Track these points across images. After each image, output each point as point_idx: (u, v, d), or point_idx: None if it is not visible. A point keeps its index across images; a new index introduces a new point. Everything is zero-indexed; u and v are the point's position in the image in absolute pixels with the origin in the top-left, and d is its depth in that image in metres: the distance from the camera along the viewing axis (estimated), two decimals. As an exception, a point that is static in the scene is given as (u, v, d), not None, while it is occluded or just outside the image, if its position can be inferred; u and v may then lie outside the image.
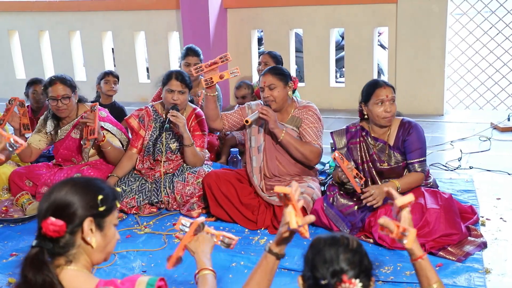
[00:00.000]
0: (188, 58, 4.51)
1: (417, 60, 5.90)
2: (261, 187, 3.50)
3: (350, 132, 3.33)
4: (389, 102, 3.13)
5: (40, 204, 1.64)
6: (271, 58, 4.67)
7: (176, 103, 3.61)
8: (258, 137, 3.57)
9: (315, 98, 5.78)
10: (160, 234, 3.37)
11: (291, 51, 6.51)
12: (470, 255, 2.92)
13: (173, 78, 3.61)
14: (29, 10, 7.46)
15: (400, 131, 3.21)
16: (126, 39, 7.10)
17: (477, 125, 5.50)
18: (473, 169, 4.30)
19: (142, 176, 3.75)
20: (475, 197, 3.71)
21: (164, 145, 3.70)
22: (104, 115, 3.86)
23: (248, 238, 3.27)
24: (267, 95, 3.44)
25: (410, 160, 3.17)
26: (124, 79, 7.23)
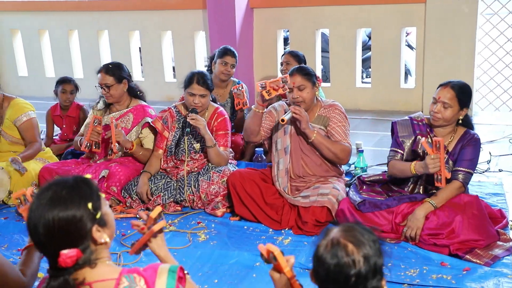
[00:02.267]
0: (227, 58, 4.53)
1: (445, 61, 5.82)
2: (286, 189, 3.49)
3: (415, 124, 3.25)
4: (440, 104, 3.07)
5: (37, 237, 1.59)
6: (293, 58, 4.64)
7: (197, 106, 3.63)
8: (284, 139, 3.56)
9: (341, 99, 5.73)
10: (185, 233, 3.39)
11: (317, 51, 6.47)
12: (499, 259, 2.87)
13: (195, 82, 3.62)
14: (58, 10, 7.58)
15: (462, 140, 3.15)
16: (153, 39, 7.16)
17: (507, 127, 5.40)
18: (502, 172, 4.23)
19: (168, 174, 3.78)
20: (504, 201, 3.64)
21: (187, 146, 3.72)
22: (153, 113, 3.97)
23: (272, 238, 3.26)
24: (297, 95, 3.42)
25: (458, 167, 3.09)
26: (151, 78, 7.33)
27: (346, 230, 1.53)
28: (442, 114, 3.08)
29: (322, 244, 1.53)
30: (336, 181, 3.49)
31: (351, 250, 1.48)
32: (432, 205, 3.02)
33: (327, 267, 1.49)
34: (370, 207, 3.16)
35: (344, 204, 3.25)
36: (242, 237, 3.31)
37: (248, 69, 6.60)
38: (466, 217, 2.96)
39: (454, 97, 3.07)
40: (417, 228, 2.99)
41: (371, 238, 1.52)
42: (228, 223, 3.50)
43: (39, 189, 1.64)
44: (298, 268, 2.90)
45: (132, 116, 3.93)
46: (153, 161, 3.81)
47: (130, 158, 3.96)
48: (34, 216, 1.58)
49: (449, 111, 3.07)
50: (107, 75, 3.83)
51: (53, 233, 1.56)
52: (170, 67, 7.39)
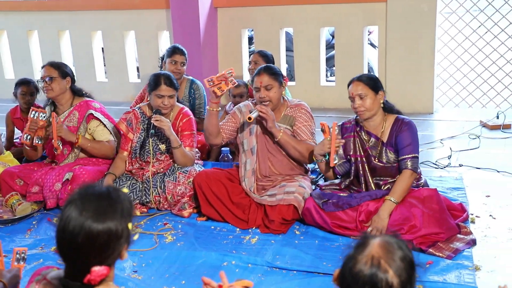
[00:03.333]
0: (175, 56, 4.53)
1: (407, 58, 5.93)
2: (252, 189, 3.50)
3: (345, 127, 3.37)
4: (357, 97, 3.18)
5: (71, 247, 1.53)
6: (262, 57, 4.66)
7: (167, 107, 3.61)
8: (250, 139, 3.57)
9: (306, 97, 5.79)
10: (151, 234, 3.36)
11: (282, 50, 6.51)
12: (460, 252, 2.95)
13: (162, 84, 3.60)
14: (17, 10, 7.42)
15: (394, 127, 3.23)
16: (116, 39, 7.08)
17: (467, 123, 5.53)
18: (462, 167, 4.33)
19: (133, 175, 3.75)
20: (464, 195, 3.73)
21: (152, 147, 3.70)
22: (97, 106, 3.92)
23: (240, 238, 3.27)
24: (264, 95, 3.43)
25: (402, 156, 3.17)
26: (114, 78, 7.25)
27: (387, 250, 1.46)
28: (363, 106, 3.18)
29: (361, 260, 1.45)
30: (302, 179, 3.52)
31: (391, 276, 1.43)
32: (392, 202, 3.09)
33: (361, 285, 1.43)
34: (333, 207, 3.21)
35: (310, 203, 3.28)
36: (209, 237, 3.31)
37: (213, 69, 6.59)
38: (426, 211, 3.03)
39: (364, 85, 3.19)
40: (382, 227, 3.04)
41: (409, 258, 1.48)
42: (195, 223, 3.50)
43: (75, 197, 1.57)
44: (265, 266, 2.92)
45: (77, 113, 3.89)
46: (117, 163, 3.77)
47: (93, 160, 3.91)
48: (75, 226, 1.51)
49: (367, 100, 3.18)
50: (52, 68, 3.82)
51: (93, 246, 1.50)
52: (134, 67, 7.31)
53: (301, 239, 3.22)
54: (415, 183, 3.28)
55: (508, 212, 3.47)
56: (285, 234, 3.28)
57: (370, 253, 1.45)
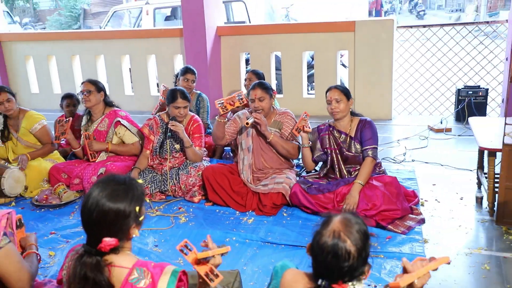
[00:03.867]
0: (188, 75, 4.53)
1: (371, 75, 5.93)
2: (249, 180, 3.49)
3: (320, 128, 3.39)
4: (334, 101, 3.20)
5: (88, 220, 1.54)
6: (255, 75, 4.66)
7: (182, 116, 3.61)
8: (247, 140, 3.56)
9: (291, 107, 5.78)
10: (169, 216, 3.36)
11: (272, 69, 6.50)
12: (412, 229, 2.95)
13: (179, 98, 3.60)
14: (63, 39, 7.38)
15: (359, 125, 3.27)
16: (140, 61, 7.05)
17: (418, 127, 5.53)
18: (414, 161, 4.33)
19: (154, 169, 3.74)
20: (416, 184, 3.73)
21: (169, 146, 3.69)
22: (123, 114, 3.91)
23: (239, 219, 3.27)
24: (257, 105, 3.43)
25: (365, 147, 3.20)
26: (139, 92, 7.21)
27: (346, 224, 1.47)
28: (338, 108, 3.20)
29: (325, 233, 1.46)
30: (289, 172, 3.51)
31: (349, 245, 1.44)
32: (360, 184, 3.09)
33: (325, 253, 1.44)
34: (315, 191, 3.21)
35: (296, 187, 3.27)
36: (215, 218, 3.30)
37: (217, 85, 6.58)
38: (387, 193, 3.03)
39: (341, 92, 3.22)
40: (353, 203, 3.05)
41: (363, 230, 1.48)
42: (203, 207, 3.49)
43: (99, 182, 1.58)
44: (259, 241, 2.92)
45: (108, 120, 3.88)
46: (141, 159, 3.76)
47: (122, 157, 3.91)
48: (92, 203, 1.53)
49: (342, 104, 3.21)
50: (90, 84, 3.84)
51: (104, 220, 1.52)
52: (154, 83, 7.28)
53: (287, 219, 3.22)
54: (377, 170, 3.29)
55: (449, 197, 3.47)
56: (275, 216, 3.28)
57: (332, 228, 1.46)
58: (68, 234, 3.11)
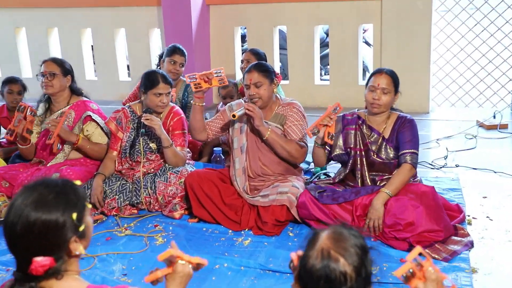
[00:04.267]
0: (175, 56, 4.49)
1: (402, 57, 5.93)
2: (245, 188, 3.48)
3: (346, 119, 3.37)
4: (380, 90, 3.18)
5: (12, 236, 1.53)
6: (254, 56, 4.65)
7: (165, 105, 3.60)
8: (240, 137, 3.55)
9: (299, 96, 5.78)
10: (141, 236, 3.33)
11: (275, 48, 6.50)
12: (457, 255, 2.94)
13: (160, 82, 3.58)
14: (4, 7, 7.36)
15: (396, 124, 3.27)
16: (106, 36, 7.04)
17: (463, 122, 5.54)
18: (459, 167, 4.33)
19: (123, 176, 3.72)
20: (461, 196, 3.73)
21: (142, 146, 3.68)
22: (95, 107, 3.90)
23: (232, 240, 3.25)
24: (253, 93, 3.42)
25: (402, 150, 3.19)
26: (104, 77, 7.20)
27: (336, 239, 1.47)
28: (382, 100, 3.19)
29: (311, 255, 1.46)
30: (295, 179, 3.50)
31: (342, 265, 1.43)
32: (387, 194, 3.09)
33: (316, 279, 1.44)
34: (329, 200, 3.19)
35: (306, 195, 3.26)
36: (201, 239, 3.29)
37: (205, 67, 6.55)
38: (423, 207, 3.01)
39: (391, 82, 3.21)
40: (378, 218, 3.04)
41: (360, 244, 1.48)
42: (186, 225, 3.47)
43: (24, 187, 1.58)
44: (258, 269, 2.90)
45: (74, 113, 3.85)
46: (107, 163, 3.74)
47: (81, 161, 3.88)
48: (15, 213, 1.52)
49: (388, 97, 3.20)
50: (54, 64, 3.80)
51: (30, 235, 1.51)
52: (124, 65, 7.27)
53: (294, 241, 3.20)
54: (411, 180, 3.27)
55: (505, 213, 3.46)
56: (278, 236, 3.26)
57: (320, 247, 1.46)
58: (8, 260, 3.08)
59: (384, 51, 6.00)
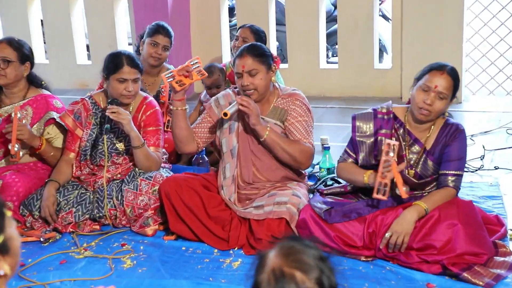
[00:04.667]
0: (158, 37, 4.48)
1: (427, 34, 5.96)
2: (233, 199, 3.49)
3: (379, 119, 3.28)
4: (435, 94, 3.09)
5: None
6: (253, 34, 4.68)
7: (131, 95, 3.61)
8: (229, 138, 3.55)
9: (302, 83, 5.80)
10: (105, 258, 3.34)
11: (271, 24, 6.51)
12: (502, 279, 2.92)
13: (125, 64, 3.59)
14: None
15: (443, 133, 3.21)
16: (59, 9, 7.03)
17: (504, 114, 5.58)
18: (499, 169, 4.36)
19: (82, 184, 3.73)
20: (501, 205, 3.75)
21: (107, 146, 3.68)
22: (59, 105, 3.92)
23: (218, 261, 3.26)
24: (247, 83, 3.42)
25: (445, 170, 3.15)
26: (58, 60, 7.19)
27: (286, 254, 1.52)
28: (435, 107, 3.10)
29: (262, 280, 1.51)
30: (296, 186, 3.51)
31: (301, 280, 1.47)
32: (424, 209, 3.04)
33: None
34: (338, 217, 3.19)
35: (307, 212, 3.27)
36: (180, 261, 3.30)
37: (184, 49, 6.56)
38: (462, 225, 3.00)
39: (451, 86, 3.12)
40: (406, 233, 3.00)
41: (317, 255, 1.53)
42: (162, 243, 3.48)
43: None
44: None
45: (31, 110, 3.86)
46: (62, 167, 3.75)
47: (31, 165, 3.90)
48: None
49: (443, 103, 3.11)
50: (10, 48, 3.79)
51: None
52: (83, 45, 7.27)
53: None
54: None
55: (556, 226, 3.49)
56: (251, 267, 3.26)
57: (270, 268, 1.52)
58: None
59: (405, 26, 6.02)
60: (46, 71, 7.02)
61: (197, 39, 6.69)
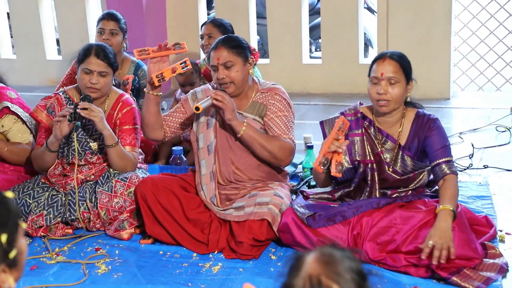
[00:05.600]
0: (103, 23, 4.55)
1: (414, 27, 6.00)
2: (214, 200, 3.51)
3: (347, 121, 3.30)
4: (385, 82, 3.16)
5: None
6: (217, 28, 4.68)
7: (95, 88, 3.60)
8: (207, 133, 3.56)
9: (284, 79, 5.82)
10: (78, 264, 3.34)
11: (251, 17, 6.52)
12: (493, 281, 2.94)
13: (92, 55, 3.61)
14: None
15: (414, 126, 3.25)
16: (26, 2, 6.99)
17: (494, 111, 5.62)
18: (488, 168, 4.39)
19: (53, 186, 3.72)
20: (491, 205, 3.78)
21: (78, 144, 3.67)
22: (14, 96, 3.91)
23: (197, 266, 3.27)
24: (222, 76, 3.44)
25: (435, 161, 3.19)
26: (26, 55, 7.14)
27: (326, 262, 1.50)
28: (391, 94, 3.17)
29: (297, 284, 1.49)
30: (278, 186, 3.54)
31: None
32: (452, 210, 3.01)
33: None
34: (322, 221, 3.22)
35: (288, 215, 3.29)
36: (157, 265, 3.30)
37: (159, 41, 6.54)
38: (458, 229, 3.01)
39: (399, 68, 3.19)
40: (448, 244, 2.91)
41: (356, 268, 1.51)
42: (138, 247, 3.49)
43: None
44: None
45: None
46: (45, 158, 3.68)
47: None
48: None
49: (397, 88, 3.17)
50: None
51: None
52: (53, 40, 7.23)
53: (278, 265, 3.24)
54: (429, 192, 3.33)
55: (546, 227, 3.53)
56: (257, 259, 3.29)
57: (307, 273, 1.49)
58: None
59: (391, 19, 6.06)
60: (14, 67, 7.02)
61: (173, 33, 6.69)
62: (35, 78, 6.93)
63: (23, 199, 3.62)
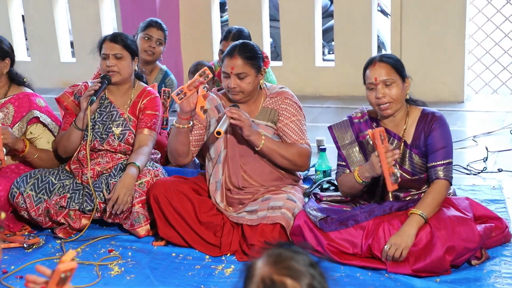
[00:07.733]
0: (151, 30, 4.59)
1: (428, 30, 5.99)
2: (223, 205, 3.51)
3: (356, 124, 3.35)
4: (381, 85, 3.17)
5: None
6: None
7: (113, 70, 3.67)
8: (217, 144, 3.54)
9: (297, 82, 5.83)
10: (91, 265, 3.35)
11: (264, 19, 6.53)
12: None
13: (107, 40, 3.72)
14: None
15: (420, 124, 3.25)
16: (41, 5, 7.03)
17: (508, 114, 5.60)
18: (502, 172, 4.37)
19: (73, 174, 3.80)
20: (505, 209, 3.77)
21: (90, 132, 3.69)
22: (43, 104, 3.93)
23: (210, 268, 3.28)
24: (234, 85, 3.43)
25: (432, 162, 3.19)
26: (40, 57, 7.18)
27: (275, 262, 1.53)
28: (389, 96, 3.17)
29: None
30: (291, 190, 3.53)
31: (292, 287, 1.49)
32: (422, 217, 3.07)
33: None
34: (334, 225, 3.22)
35: (301, 218, 3.29)
36: (170, 267, 3.31)
37: (173, 46, 6.57)
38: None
39: (391, 69, 3.20)
40: (405, 247, 3.02)
41: (307, 261, 1.54)
42: (151, 249, 3.50)
43: None
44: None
45: (13, 108, 3.85)
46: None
47: (12, 167, 3.90)
48: None
49: (394, 89, 3.18)
50: None
51: None
52: (67, 42, 7.27)
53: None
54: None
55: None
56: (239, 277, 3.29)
57: (259, 277, 1.52)
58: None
59: (405, 22, 6.05)
60: (28, 69, 7.01)
61: (187, 36, 6.71)
62: (49, 80, 6.96)
63: (49, 178, 3.67)
